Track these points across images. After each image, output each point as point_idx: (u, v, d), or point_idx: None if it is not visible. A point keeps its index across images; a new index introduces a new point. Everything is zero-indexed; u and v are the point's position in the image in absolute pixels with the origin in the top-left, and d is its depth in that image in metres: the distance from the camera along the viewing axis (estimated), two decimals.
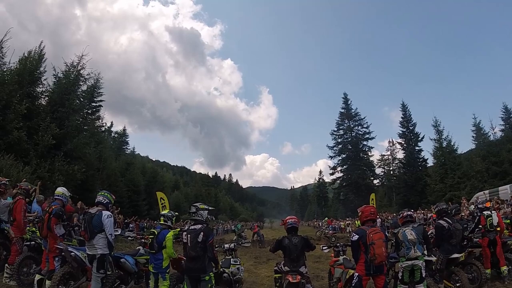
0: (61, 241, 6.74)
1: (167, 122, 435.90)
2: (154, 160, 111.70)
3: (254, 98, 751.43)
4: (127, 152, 46.48)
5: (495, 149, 33.69)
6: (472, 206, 16.08)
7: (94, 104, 30.37)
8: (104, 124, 35.13)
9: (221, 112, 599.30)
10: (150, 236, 6.76)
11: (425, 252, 5.85)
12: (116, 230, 7.15)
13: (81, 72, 26.30)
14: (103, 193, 6.00)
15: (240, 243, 9.10)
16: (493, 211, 8.43)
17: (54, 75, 24.67)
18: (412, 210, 9.64)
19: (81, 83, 26.94)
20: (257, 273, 11.40)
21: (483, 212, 8.37)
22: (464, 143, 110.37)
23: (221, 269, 6.73)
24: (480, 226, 8.30)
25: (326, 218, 44.03)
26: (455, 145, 40.59)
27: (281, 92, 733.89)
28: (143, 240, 7.70)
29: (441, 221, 7.29)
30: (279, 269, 5.97)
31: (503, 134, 35.77)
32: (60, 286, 6.04)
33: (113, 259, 6.32)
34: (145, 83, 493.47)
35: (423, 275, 5.52)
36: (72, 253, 6.18)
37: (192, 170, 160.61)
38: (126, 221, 23.07)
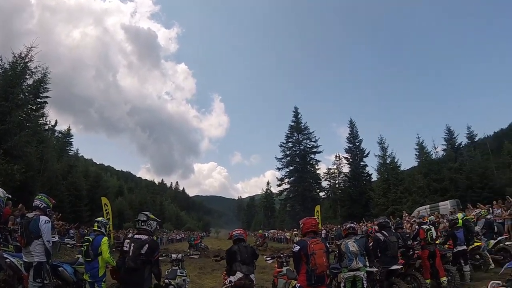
0: None
1: (115, 124, 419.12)
2: (98, 163, 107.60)
3: (206, 105, 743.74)
4: (70, 153, 44.03)
5: (437, 167, 35.93)
6: (415, 219, 17.11)
7: (39, 100, 28.29)
8: (48, 122, 32.30)
9: (171, 118, 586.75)
10: (85, 244, 6.52)
11: (367, 263, 6.10)
12: (53, 237, 6.83)
13: (28, 64, 24.84)
14: (40, 197, 5.73)
15: (189, 254, 8.99)
16: (431, 226, 9.04)
17: (0, 65, 23.18)
18: (355, 223, 10.06)
19: (28, 77, 25.39)
20: (201, 284, 11.29)
21: (422, 226, 8.96)
22: (407, 161, 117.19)
23: (167, 281, 6.59)
24: (419, 239, 8.83)
25: (260, 231, 44.68)
26: (398, 162, 43.07)
27: (233, 101, 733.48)
28: (83, 248, 7.43)
29: (378, 234, 7.66)
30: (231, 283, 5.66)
31: (444, 154, 38.51)
32: None
33: (51, 267, 6.06)
34: (95, 81, 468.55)
35: (365, 286, 5.72)
36: (8, 260, 5.84)
37: (137, 176, 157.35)
38: (67, 227, 21.84)
